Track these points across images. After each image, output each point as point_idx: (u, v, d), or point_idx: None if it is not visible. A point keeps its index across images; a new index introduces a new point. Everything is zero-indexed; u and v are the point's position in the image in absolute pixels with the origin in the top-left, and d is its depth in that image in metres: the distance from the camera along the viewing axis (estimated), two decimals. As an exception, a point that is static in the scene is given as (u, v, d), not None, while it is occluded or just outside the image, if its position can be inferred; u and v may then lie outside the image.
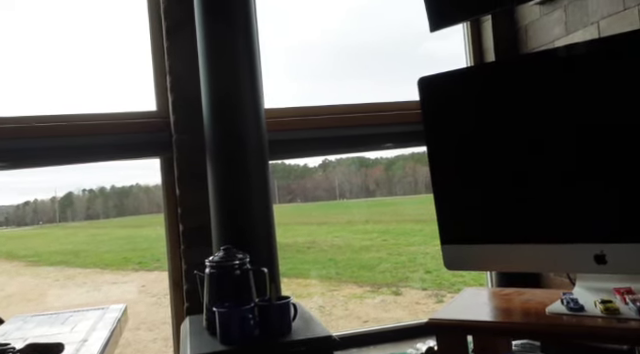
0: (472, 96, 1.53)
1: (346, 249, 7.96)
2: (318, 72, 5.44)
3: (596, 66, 1.35)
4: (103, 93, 2.91)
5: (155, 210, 7.64)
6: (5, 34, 2.48)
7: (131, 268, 7.47)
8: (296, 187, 8.70)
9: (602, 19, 2.00)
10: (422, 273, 6.29)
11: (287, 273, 6.36)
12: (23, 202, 8.27)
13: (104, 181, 8.08)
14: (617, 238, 1.30)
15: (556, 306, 1.37)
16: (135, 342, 4.42)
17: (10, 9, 2.27)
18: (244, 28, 1.88)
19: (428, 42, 4.88)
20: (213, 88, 1.87)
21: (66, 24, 2.67)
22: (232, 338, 1.42)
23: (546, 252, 1.39)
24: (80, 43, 2.80)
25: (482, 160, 1.50)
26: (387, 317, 4.91)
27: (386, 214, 10.09)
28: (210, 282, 1.58)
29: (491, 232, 1.49)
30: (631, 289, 1.33)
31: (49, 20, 2.71)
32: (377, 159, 9.04)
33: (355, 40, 4.46)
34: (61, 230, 9.53)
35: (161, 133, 2.17)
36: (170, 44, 2.15)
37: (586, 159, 1.35)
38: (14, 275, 7.68)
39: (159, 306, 5.41)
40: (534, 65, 1.46)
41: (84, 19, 2.55)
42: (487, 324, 1.39)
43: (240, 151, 1.83)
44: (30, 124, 2.06)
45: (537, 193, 1.41)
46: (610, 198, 1.33)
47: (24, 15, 2.59)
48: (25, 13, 2.58)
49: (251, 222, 1.82)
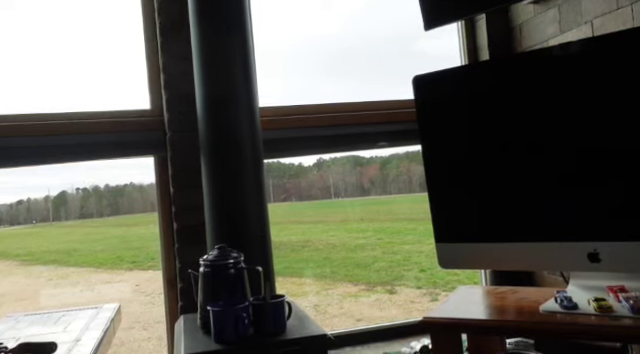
0: (467, 94, 1.53)
1: (341, 248, 7.96)
2: (312, 70, 5.43)
3: (590, 65, 1.35)
4: (96, 91, 2.89)
5: (149, 209, 7.62)
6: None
7: (125, 267, 7.44)
8: (291, 186, 8.70)
9: (596, 18, 2.01)
10: (417, 272, 6.30)
11: (282, 272, 6.35)
12: (16, 201, 8.22)
13: (98, 180, 8.05)
14: (611, 236, 1.31)
15: (550, 304, 1.37)
16: (129, 341, 4.40)
17: (8, 9, 2.26)
18: (238, 27, 1.87)
19: (421, 40, 4.89)
20: (207, 86, 1.87)
21: (59, 22, 2.65)
22: (226, 337, 1.42)
23: (540, 250, 1.40)
24: (73, 41, 2.78)
25: (476, 159, 1.51)
26: (382, 316, 4.91)
27: (381, 213, 10.11)
28: (204, 281, 1.58)
29: (485, 230, 1.50)
30: (624, 287, 1.33)
31: (42, 18, 2.69)
32: (372, 158, 9.06)
33: (349, 38, 4.46)
34: (55, 229, 9.49)
35: (155, 131, 2.16)
36: (164, 42, 2.14)
37: (580, 158, 1.35)
38: (7, 274, 7.63)
39: (153, 305, 5.39)
40: (529, 64, 1.46)
41: (77, 17, 2.54)
42: (481, 322, 1.39)
43: (235, 150, 1.83)
44: (23, 122, 2.05)
45: (531, 192, 1.42)
46: (604, 196, 1.33)
47: (18, 14, 2.57)
48: (19, 12, 2.56)
49: (245, 221, 1.81)
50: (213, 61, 1.86)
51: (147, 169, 2.24)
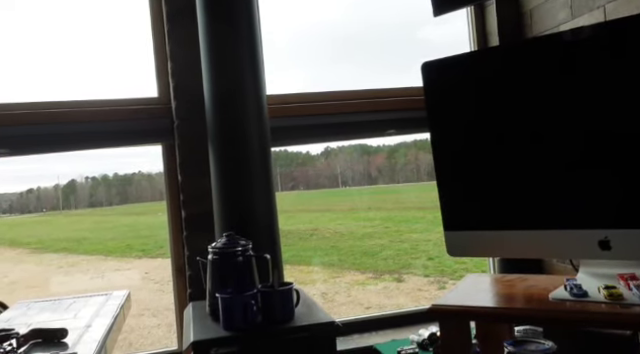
0: (476, 81, 1.51)
1: (348, 236, 7.97)
2: (320, 58, 5.40)
3: (602, 50, 1.33)
4: (104, 80, 2.89)
5: (158, 197, 7.64)
6: (6, 19, 2.47)
7: (134, 255, 7.50)
8: (298, 174, 8.69)
9: (608, 3, 1.98)
10: (424, 260, 6.30)
11: (289, 260, 6.38)
12: (26, 189, 8.29)
13: (106, 169, 8.08)
14: (622, 224, 1.29)
15: (559, 292, 1.36)
16: (139, 328, 4.45)
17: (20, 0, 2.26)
18: (246, 14, 1.86)
19: (427, 27, 4.83)
20: (215, 74, 1.86)
21: (68, 11, 2.65)
22: (235, 324, 1.43)
23: (550, 238, 1.39)
24: (80, 29, 2.78)
25: (486, 146, 1.49)
26: (389, 304, 4.93)
27: (388, 201, 10.09)
28: (213, 268, 1.58)
29: (494, 218, 1.49)
30: (635, 275, 1.32)
31: (49, 5, 2.69)
32: (379, 146, 9.01)
33: (353, 24, 4.41)
34: (64, 217, 9.55)
35: (163, 119, 2.16)
36: (171, 30, 2.13)
37: (591, 145, 1.34)
38: (18, 262, 7.72)
39: (162, 292, 5.44)
40: (540, 50, 1.44)
41: (85, 4, 2.53)
42: (490, 310, 1.38)
43: (242, 137, 1.82)
44: (32, 111, 2.05)
45: (541, 179, 1.40)
46: (615, 184, 1.31)
47: (30, 5, 2.57)
48: (31, 3, 2.56)
49: (253, 208, 1.82)
50: (220, 49, 1.85)
51: (155, 157, 2.25)
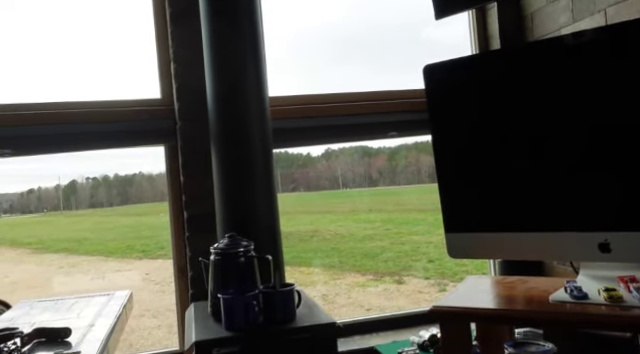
0: (478, 84, 1.52)
1: (349, 238, 7.97)
2: (321, 59, 5.41)
3: (603, 54, 1.34)
4: (107, 81, 2.90)
5: (158, 198, 7.65)
6: (9, 19, 2.48)
7: (135, 256, 7.50)
8: (299, 176, 8.70)
9: (609, 6, 1.98)
10: (425, 262, 6.30)
11: (290, 262, 6.38)
12: (27, 190, 8.29)
13: (107, 169, 8.09)
14: (622, 226, 1.30)
15: (560, 294, 1.37)
16: (139, 329, 4.45)
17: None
18: (248, 16, 1.87)
19: (428, 29, 4.84)
20: (217, 76, 1.87)
21: (72, 11, 2.66)
22: (237, 324, 1.43)
23: (550, 240, 1.39)
24: (84, 30, 2.79)
25: (487, 148, 1.50)
26: (390, 305, 4.93)
27: (389, 203, 10.08)
28: (215, 269, 1.59)
29: (495, 220, 1.49)
30: (635, 277, 1.33)
31: (53, 7, 2.70)
32: (380, 148, 9.02)
33: (354, 25, 4.42)
34: (65, 218, 9.56)
35: (165, 120, 2.17)
36: (174, 32, 2.14)
37: (591, 147, 1.34)
38: (19, 262, 7.72)
39: (163, 293, 5.44)
40: (541, 53, 1.44)
41: (88, 6, 2.54)
42: (490, 312, 1.39)
43: (244, 138, 1.83)
44: (35, 111, 2.06)
45: (541, 181, 1.41)
46: (615, 187, 1.32)
47: (34, 5, 2.58)
48: (35, 3, 2.57)
49: (255, 210, 1.82)
50: (223, 50, 1.86)
51: (156, 158, 2.26)
